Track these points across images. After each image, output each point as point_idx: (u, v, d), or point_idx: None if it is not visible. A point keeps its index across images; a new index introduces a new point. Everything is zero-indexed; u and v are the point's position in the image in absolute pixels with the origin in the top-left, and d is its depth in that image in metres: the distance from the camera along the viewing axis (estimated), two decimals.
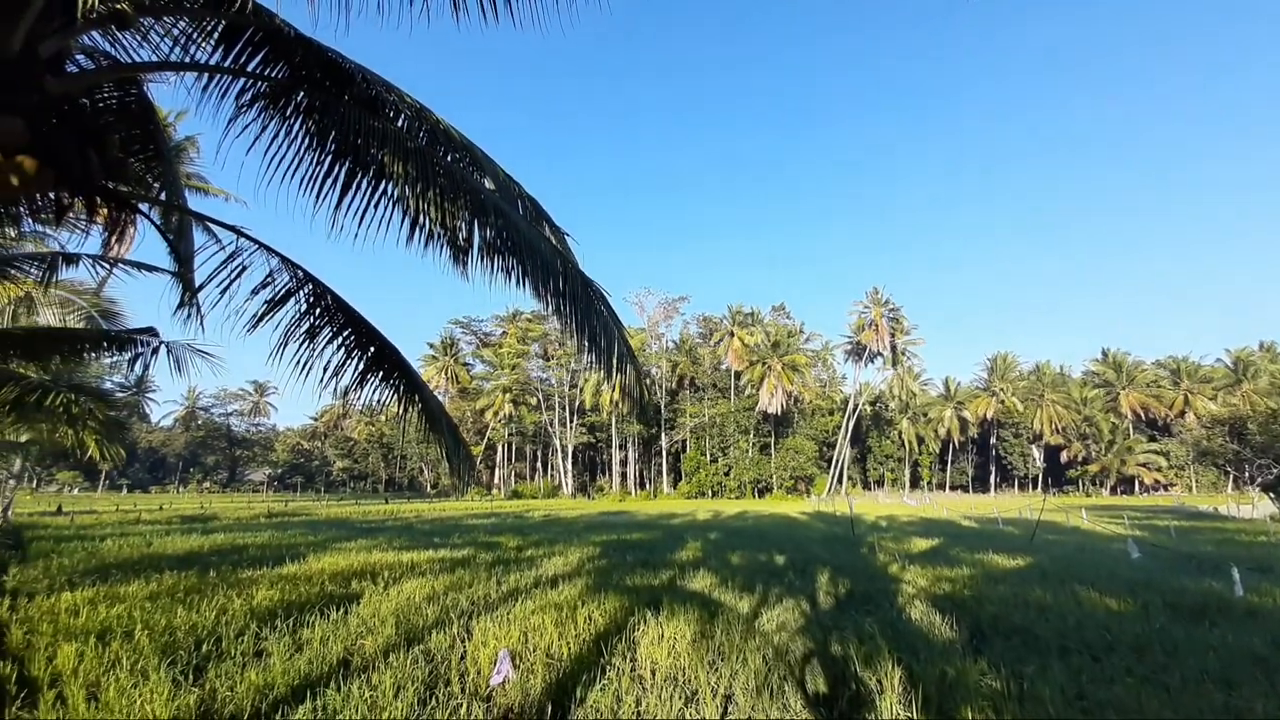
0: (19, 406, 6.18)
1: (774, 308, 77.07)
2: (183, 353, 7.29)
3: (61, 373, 8.94)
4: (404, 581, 9.15)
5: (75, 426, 6.51)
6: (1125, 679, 4.91)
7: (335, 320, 4.34)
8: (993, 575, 10.19)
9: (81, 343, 7.06)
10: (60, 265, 7.31)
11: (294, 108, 3.75)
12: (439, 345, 72.39)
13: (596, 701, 4.40)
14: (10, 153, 2.92)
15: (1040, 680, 4.76)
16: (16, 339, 7.50)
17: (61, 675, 4.93)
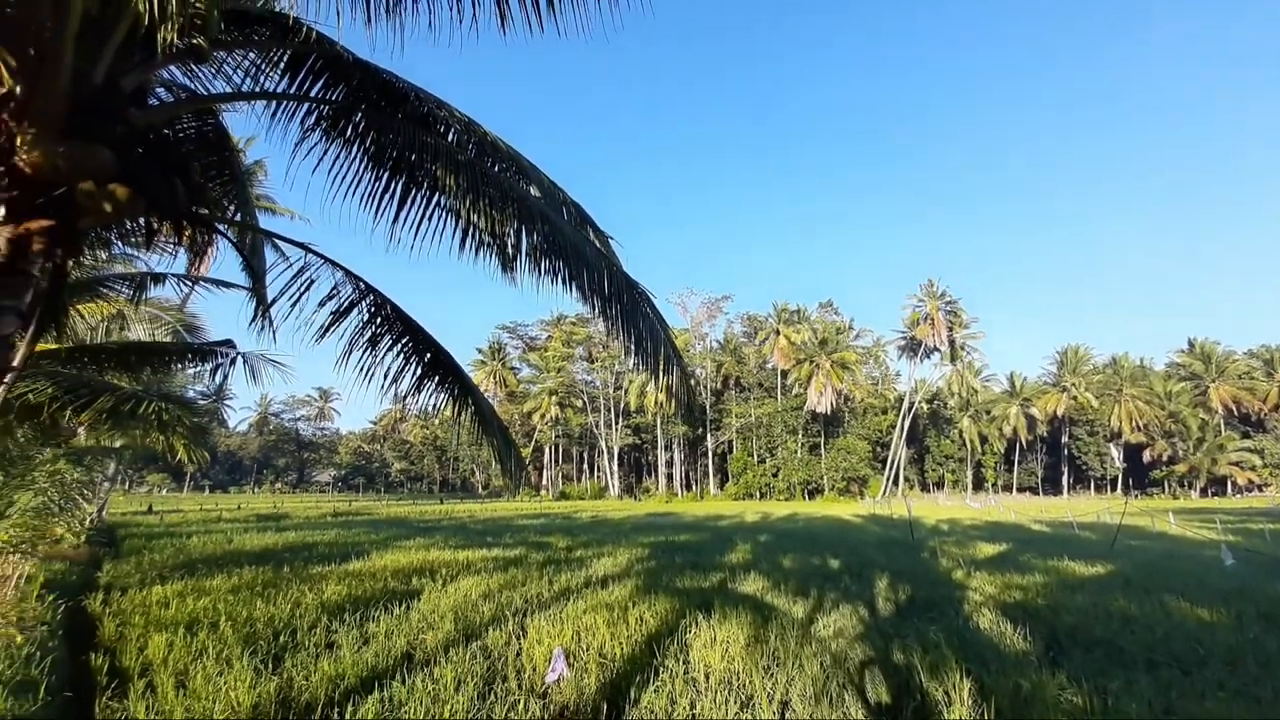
0: (115, 415, 6.76)
1: (821, 304, 75.17)
2: (257, 362, 7.79)
3: (151, 383, 9.71)
4: (461, 579, 9.45)
5: (165, 432, 7.07)
6: (1217, 694, 4.53)
7: (394, 328, 4.54)
8: (1069, 583, 9.56)
9: (169, 355, 7.65)
10: (148, 284, 7.97)
11: (353, 128, 3.94)
12: (487, 350, 74.51)
13: (651, 703, 4.40)
14: (103, 182, 3.19)
15: (1125, 695, 4.42)
16: (112, 352, 8.23)
17: (151, 665, 5.35)
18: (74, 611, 7.45)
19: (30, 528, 7.04)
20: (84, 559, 12.28)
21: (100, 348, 8.62)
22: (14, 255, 3.13)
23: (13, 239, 3.15)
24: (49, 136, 2.98)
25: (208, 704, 4.41)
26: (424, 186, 3.82)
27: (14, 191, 3.11)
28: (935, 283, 62.88)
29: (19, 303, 3.21)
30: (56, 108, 2.93)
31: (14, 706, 4.00)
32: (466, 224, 3.74)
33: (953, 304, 62.56)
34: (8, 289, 3.14)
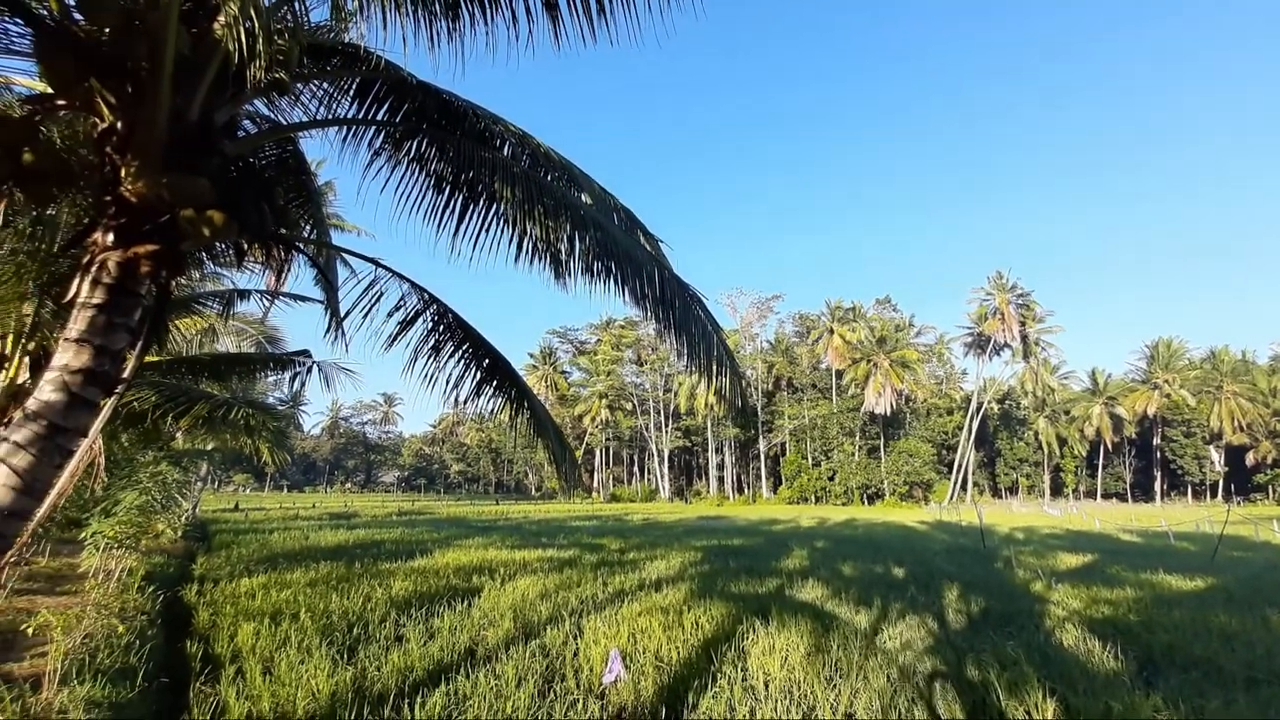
0: (210, 420, 7.36)
1: (878, 300, 72.38)
2: (330, 370, 8.31)
3: (238, 390, 10.52)
4: (518, 578, 9.70)
5: (252, 436, 7.66)
6: None
7: (455, 336, 4.73)
8: (1164, 598, 8.78)
9: (253, 364, 8.26)
10: (235, 300, 8.65)
11: (415, 147, 4.15)
12: (539, 355, 76.28)
13: (709, 708, 4.37)
14: (202, 209, 3.50)
15: (1222, 714, 4.02)
16: (204, 363, 8.98)
17: (241, 652, 5.78)
18: (170, 602, 8.16)
19: (135, 524, 7.78)
20: (180, 553, 13.44)
21: (195, 359, 9.42)
22: (123, 277, 3.47)
23: (122, 262, 3.49)
24: (151, 168, 3.29)
25: (291, 690, 4.71)
26: (481, 200, 3.96)
27: (122, 219, 3.46)
28: (1005, 275, 59.33)
29: (129, 320, 3.55)
30: (156, 141, 3.22)
31: (113, 693, 4.39)
32: (522, 233, 3.85)
33: (1024, 297, 58.81)
34: (119, 308, 3.49)
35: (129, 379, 4.03)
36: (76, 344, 3.35)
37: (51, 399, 3.26)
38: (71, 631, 5.04)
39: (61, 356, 3.32)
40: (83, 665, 4.69)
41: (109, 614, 6.20)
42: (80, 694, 4.18)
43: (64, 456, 3.44)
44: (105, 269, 3.41)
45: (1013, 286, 58.75)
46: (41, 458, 3.25)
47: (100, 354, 3.39)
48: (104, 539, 7.60)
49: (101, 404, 3.58)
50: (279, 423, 9.41)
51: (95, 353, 3.37)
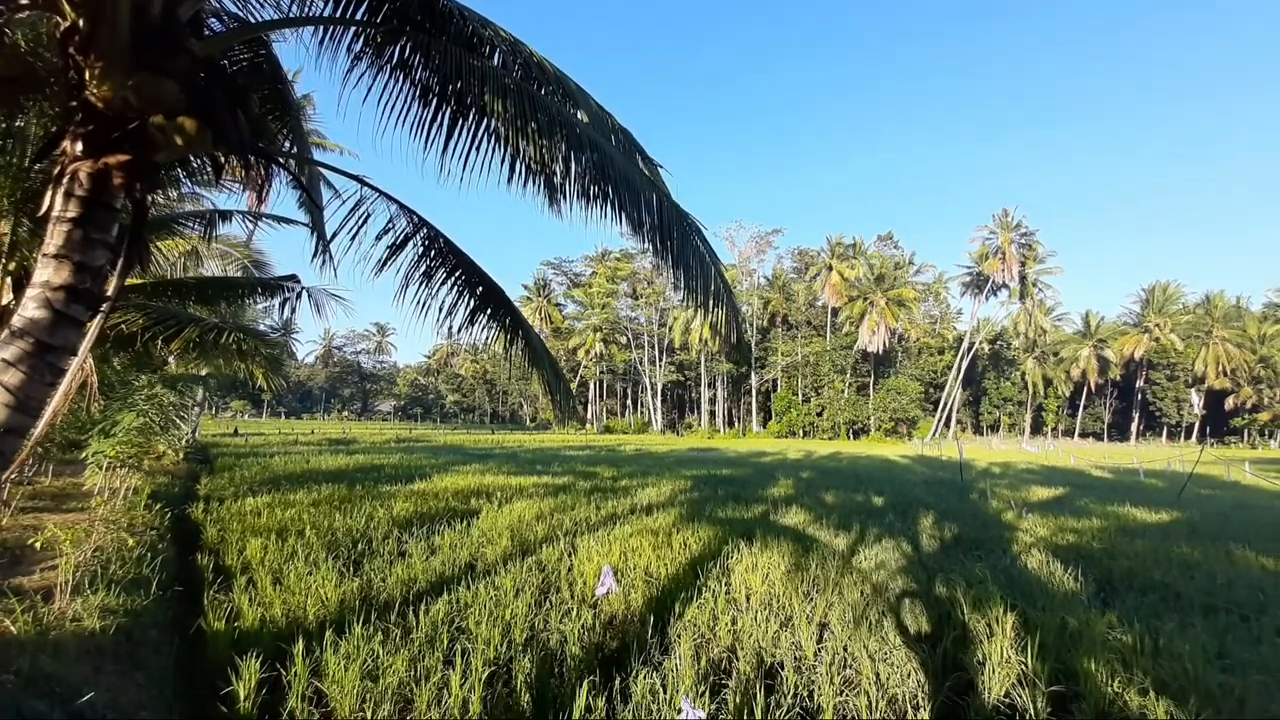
0: (201, 344, 7.32)
1: (879, 237, 71.26)
2: (320, 297, 8.19)
3: (227, 315, 10.40)
4: (515, 501, 10.08)
5: (245, 361, 7.66)
6: (1274, 640, 4.41)
7: (447, 262, 4.62)
8: (1129, 529, 9.28)
9: (241, 289, 8.11)
10: (217, 221, 8.37)
11: (399, 53, 3.85)
12: (532, 287, 75.40)
13: (694, 618, 4.67)
14: (172, 115, 3.29)
15: (1178, 637, 4.36)
16: (191, 286, 8.81)
17: (250, 564, 6.05)
18: (178, 519, 8.44)
19: (135, 444, 7.89)
20: (184, 474, 13.79)
21: (181, 282, 9.23)
22: (96, 190, 3.33)
23: (93, 174, 3.34)
24: (116, 69, 3.07)
25: (301, 598, 4.98)
26: (471, 114, 3.74)
27: (90, 127, 3.27)
28: (1010, 213, 58.19)
29: (106, 235, 3.44)
30: (119, 39, 2.98)
31: (128, 601, 4.61)
32: (514, 152, 3.67)
33: (1028, 236, 58.05)
34: (95, 222, 3.37)
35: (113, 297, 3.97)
36: (55, 260, 3.27)
37: (36, 316, 3.22)
38: (80, 545, 5.22)
39: (42, 273, 3.25)
40: (95, 576, 4.90)
41: (118, 529, 6.40)
42: (94, 602, 4.38)
43: (55, 375, 3.45)
44: (77, 181, 3.28)
45: (1017, 225, 57.83)
46: (32, 375, 3.25)
47: (81, 270, 3.32)
48: (105, 458, 7.74)
49: (87, 322, 3.55)
50: (272, 350, 9.38)
51: (75, 269, 3.30)
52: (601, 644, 4.39)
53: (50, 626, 3.96)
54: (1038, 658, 3.90)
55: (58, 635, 3.84)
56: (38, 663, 3.33)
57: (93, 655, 3.78)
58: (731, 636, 4.41)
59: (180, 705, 3.67)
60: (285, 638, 4.23)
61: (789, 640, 4.31)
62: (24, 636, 3.66)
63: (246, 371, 7.70)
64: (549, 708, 3.31)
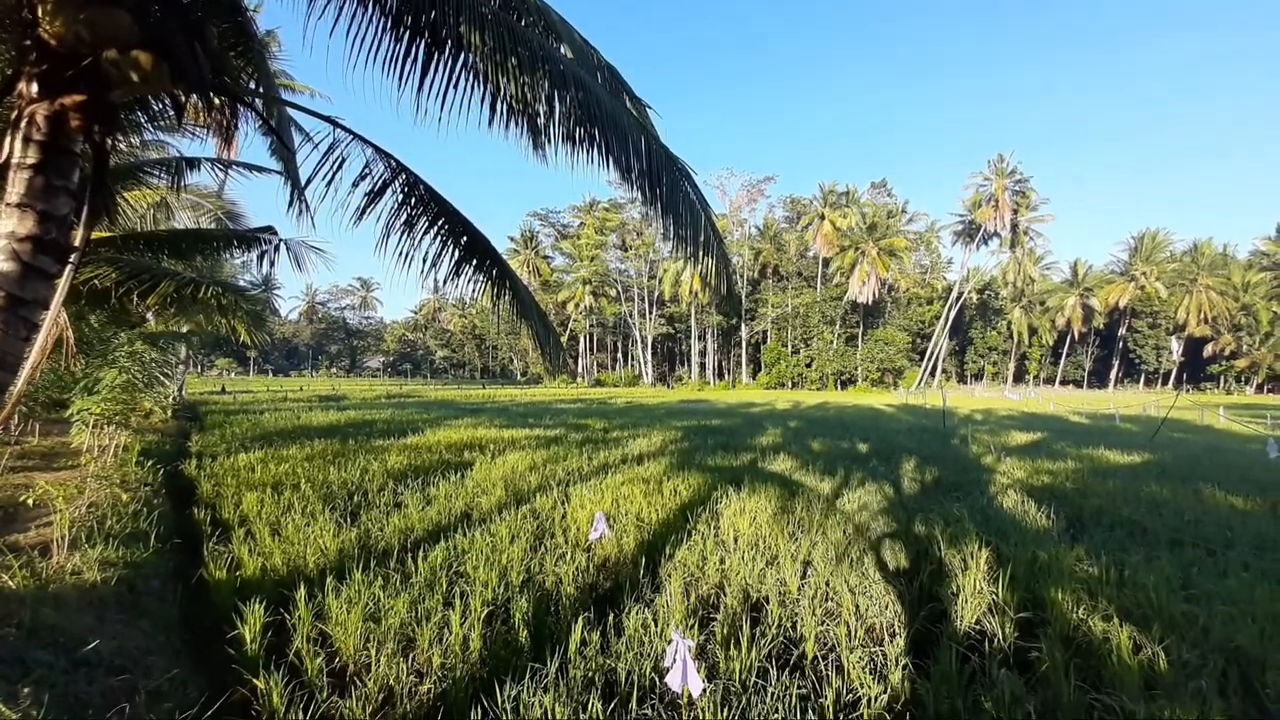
0: (179, 299, 7.13)
1: (874, 184, 70.22)
2: (299, 249, 7.93)
3: (204, 269, 10.12)
4: (507, 454, 10.21)
5: (226, 316, 7.49)
6: (1240, 573, 4.64)
7: (429, 210, 4.47)
8: (1102, 470, 9.64)
9: (216, 241, 7.84)
10: (184, 170, 7.99)
11: None
12: (519, 239, 73.79)
13: (684, 558, 4.85)
14: (126, 49, 3.08)
15: (1144, 569, 4.60)
16: (164, 239, 8.49)
17: (248, 517, 6.13)
18: (171, 475, 8.47)
19: (120, 401, 7.81)
20: (174, 432, 13.76)
21: (153, 235, 8.90)
22: (55, 133, 3.19)
23: (50, 116, 3.17)
24: (69, 4, 2.89)
25: (300, 548, 5.08)
26: (447, 48, 3.51)
27: (44, 66, 3.08)
28: (1006, 158, 57.32)
29: (68, 182, 3.30)
30: None
31: (127, 554, 4.66)
32: (494, 90, 3.48)
33: (1022, 183, 57.44)
34: (56, 169, 3.22)
35: (81, 248, 3.86)
36: (19, 209, 3.18)
37: (4, 269, 3.15)
38: (74, 501, 5.23)
39: (5, 223, 3.15)
40: (91, 531, 4.93)
41: (110, 485, 6.42)
42: (93, 556, 4.43)
43: (29, 329, 3.37)
44: (35, 124, 3.15)
45: (1012, 171, 57.12)
46: (6, 330, 3.18)
47: (45, 220, 3.22)
48: (91, 415, 7.68)
49: (57, 275, 3.46)
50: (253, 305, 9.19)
51: (39, 218, 3.20)
52: (595, 584, 4.56)
53: (49, 580, 4.02)
54: (1008, 588, 4.12)
55: (58, 589, 3.90)
56: (39, 615, 3.39)
57: (95, 606, 3.86)
58: (720, 575, 4.60)
59: (187, 650, 3.79)
60: (287, 585, 4.35)
61: (774, 577, 4.49)
62: (23, 591, 3.71)
63: (229, 328, 7.54)
64: (546, 642, 3.46)
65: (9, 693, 2.56)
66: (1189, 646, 3.41)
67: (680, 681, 2.80)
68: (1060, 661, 3.18)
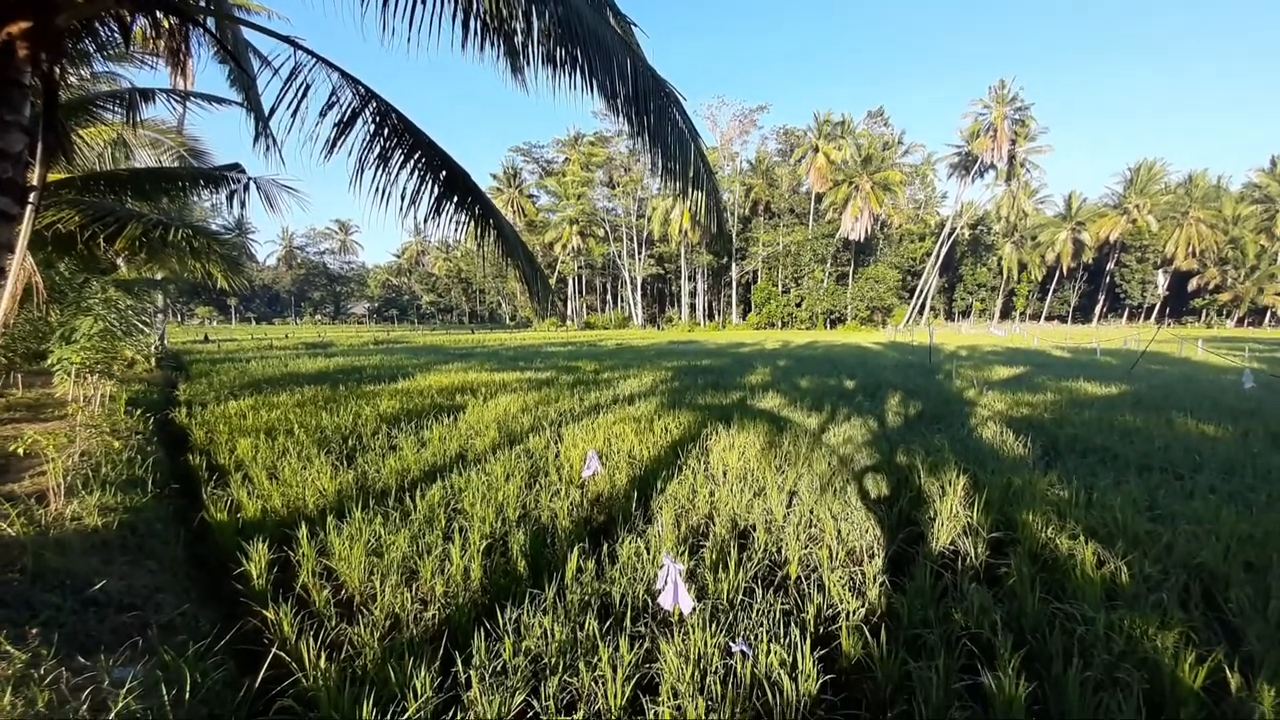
0: (148, 242, 6.86)
1: (870, 113, 67.78)
2: (270, 189, 7.58)
3: (171, 211, 9.70)
4: (499, 396, 10.28)
5: (199, 260, 7.24)
6: (1206, 496, 4.86)
7: (404, 142, 4.24)
8: (1079, 401, 9.92)
9: (180, 180, 7.47)
10: (139, 103, 7.48)
11: None
12: (502, 176, 71.09)
13: (674, 492, 5.01)
14: None
15: (1112, 492, 4.83)
16: (124, 179, 8.05)
17: (244, 462, 6.18)
18: (162, 423, 8.46)
19: (100, 350, 7.66)
20: (159, 381, 13.63)
21: (113, 175, 8.43)
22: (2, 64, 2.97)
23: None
24: None
25: (299, 490, 5.17)
26: None
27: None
28: (1007, 84, 55.21)
29: (19, 117, 3.12)
30: None
31: (125, 500, 4.71)
32: (467, 5, 3.22)
33: (1022, 110, 55.66)
34: (7, 102, 3.04)
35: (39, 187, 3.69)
36: None
37: None
38: (65, 450, 5.23)
39: None
40: (87, 479, 4.96)
41: (101, 433, 6.40)
42: (91, 502, 4.48)
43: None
44: None
45: (1014, 98, 55.23)
46: None
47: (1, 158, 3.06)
48: (72, 365, 7.55)
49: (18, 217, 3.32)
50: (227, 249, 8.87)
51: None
52: (589, 518, 4.71)
53: (49, 527, 4.07)
54: (983, 512, 4.32)
55: (59, 535, 3.96)
56: (42, 560, 3.45)
57: (99, 549, 3.94)
58: (709, 506, 4.77)
59: (195, 588, 3.91)
60: (288, 525, 4.45)
61: (761, 507, 4.67)
62: (23, 538, 3.76)
63: (204, 272, 7.31)
64: (544, 571, 3.61)
65: (17, 634, 2.64)
66: (1151, 562, 3.63)
67: (672, 601, 2.95)
68: (1027, 576, 3.38)
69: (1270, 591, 3.19)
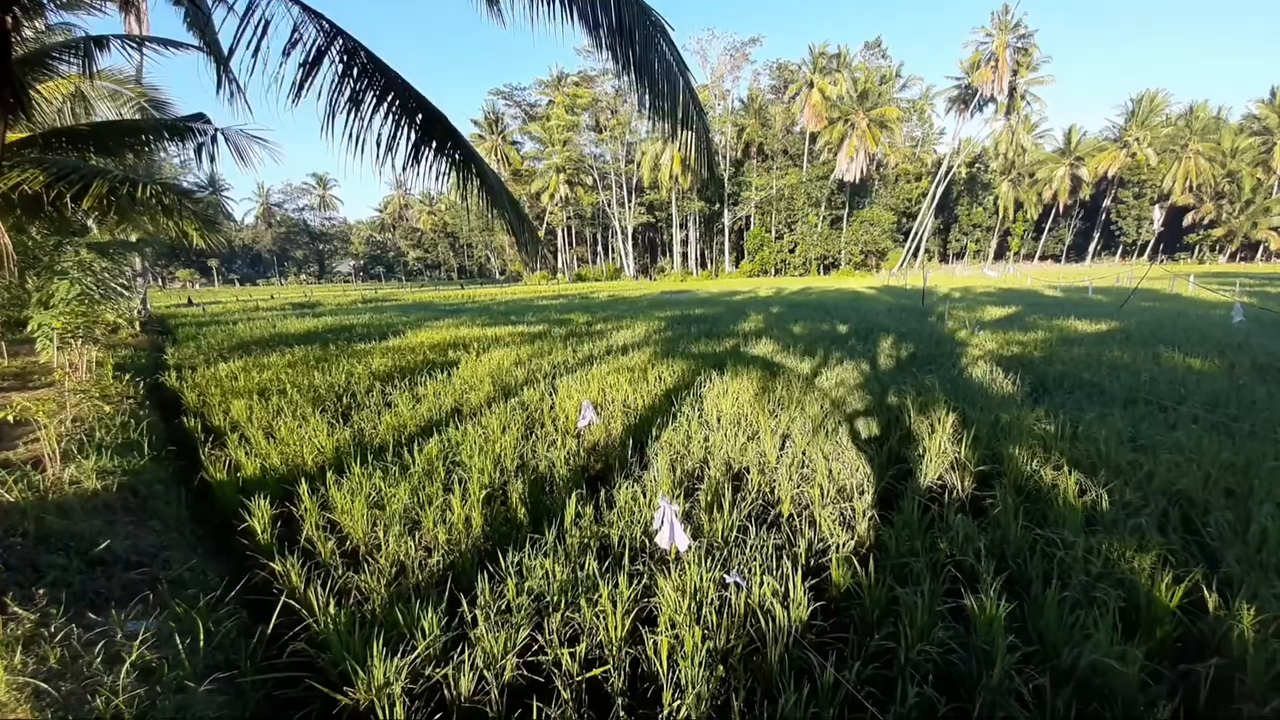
0: (116, 200, 6.58)
1: (867, 44, 64.92)
2: (239, 140, 7.22)
3: (138, 167, 9.30)
4: (492, 351, 10.25)
5: (171, 218, 6.98)
6: (1189, 426, 4.98)
7: (375, 83, 4.00)
8: (1069, 339, 10.00)
9: (143, 133, 7.10)
10: (94, 51, 7.01)
11: None
12: (483, 122, 68.10)
13: (669, 439, 5.08)
14: None
15: (1097, 424, 4.94)
16: (84, 134, 7.65)
17: (239, 423, 6.18)
18: (153, 387, 8.41)
19: (80, 314, 7.50)
20: (146, 346, 13.46)
21: (74, 130, 8.00)
22: None
23: None
24: None
25: (296, 448, 5.20)
26: None
27: None
28: (1011, 9, 52.69)
29: None
30: None
31: (123, 463, 4.72)
32: None
33: (1025, 39, 53.35)
34: None
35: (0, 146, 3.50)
36: None
37: None
38: (55, 416, 5.20)
39: None
40: (82, 444, 4.96)
41: (91, 399, 6.36)
42: (89, 466, 4.49)
43: None
44: None
45: (1016, 25, 52.86)
46: None
47: None
48: (53, 330, 7.41)
49: None
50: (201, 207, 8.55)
51: None
52: (586, 466, 4.79)
53: (48, 491, 4.10)
54: (970, 447, 4.42)
55: (59, 499, 3.99)
56: (44, 523, 3.48)
57: (101, 511, 3.98)
58: (704, 451, 4.85)
59: (202, 544, 3.99)
60: (288, 482, 4.50)
61: (755, 450, 4.75)
62: (23, 503, 3.79)
63: (178, 231, 7.05)
64: (543, 517, 3.69)
65: (24, 595, 2.69)
66: (1132, 490, 3.75)
67: (669, 540, 3.04)
68: (1011, 505, 3.50)
69: (1251, 516, 3.31)
